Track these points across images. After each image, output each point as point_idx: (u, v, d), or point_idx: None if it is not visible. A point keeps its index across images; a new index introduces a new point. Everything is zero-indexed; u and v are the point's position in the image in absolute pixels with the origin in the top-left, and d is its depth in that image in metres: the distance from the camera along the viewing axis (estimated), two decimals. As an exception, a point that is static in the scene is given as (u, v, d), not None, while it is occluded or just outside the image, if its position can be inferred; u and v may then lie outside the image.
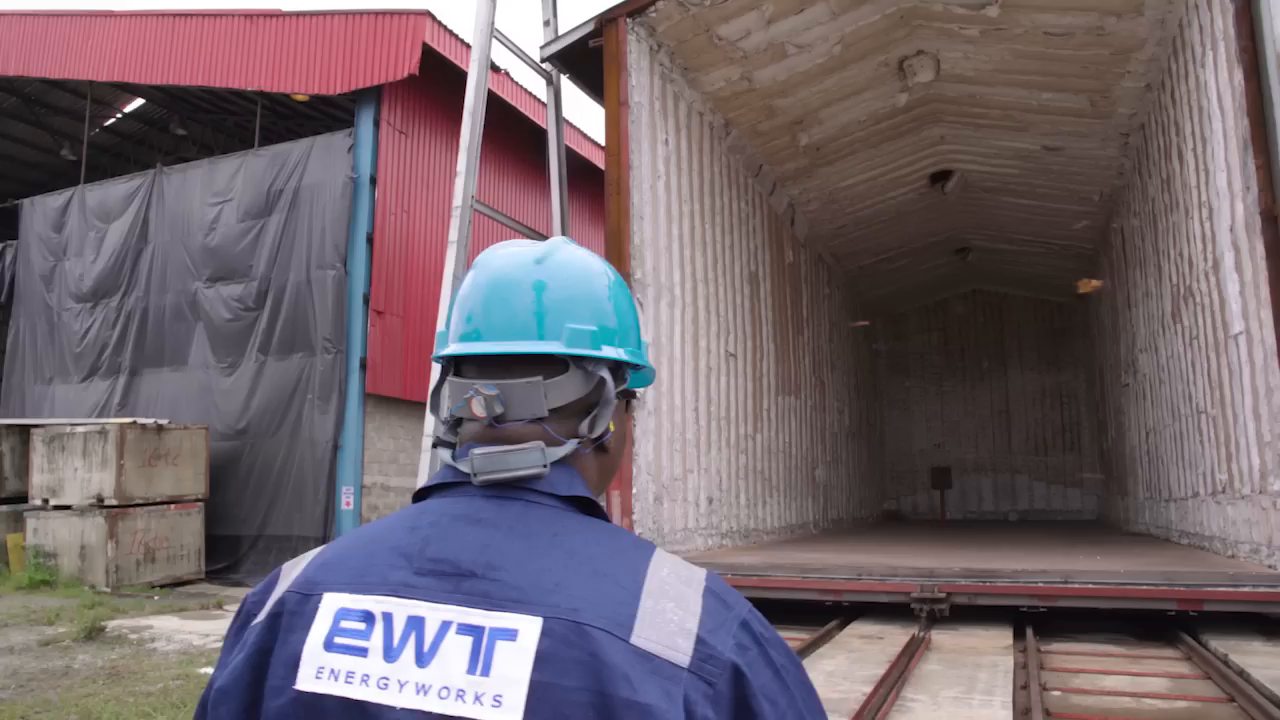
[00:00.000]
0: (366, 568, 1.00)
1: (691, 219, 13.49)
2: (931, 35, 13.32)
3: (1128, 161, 15.75)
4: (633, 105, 11.71)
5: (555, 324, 1.07)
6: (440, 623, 0.94)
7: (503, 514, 1.02)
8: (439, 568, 0.98)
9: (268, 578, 1.11)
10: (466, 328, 1.09)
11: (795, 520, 18.13)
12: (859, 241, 21.51)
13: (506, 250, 1.15)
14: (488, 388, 1.05)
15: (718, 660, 0.92)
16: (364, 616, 0.96)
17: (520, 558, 0.97)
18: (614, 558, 0.99)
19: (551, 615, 0.92)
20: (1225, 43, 9.49)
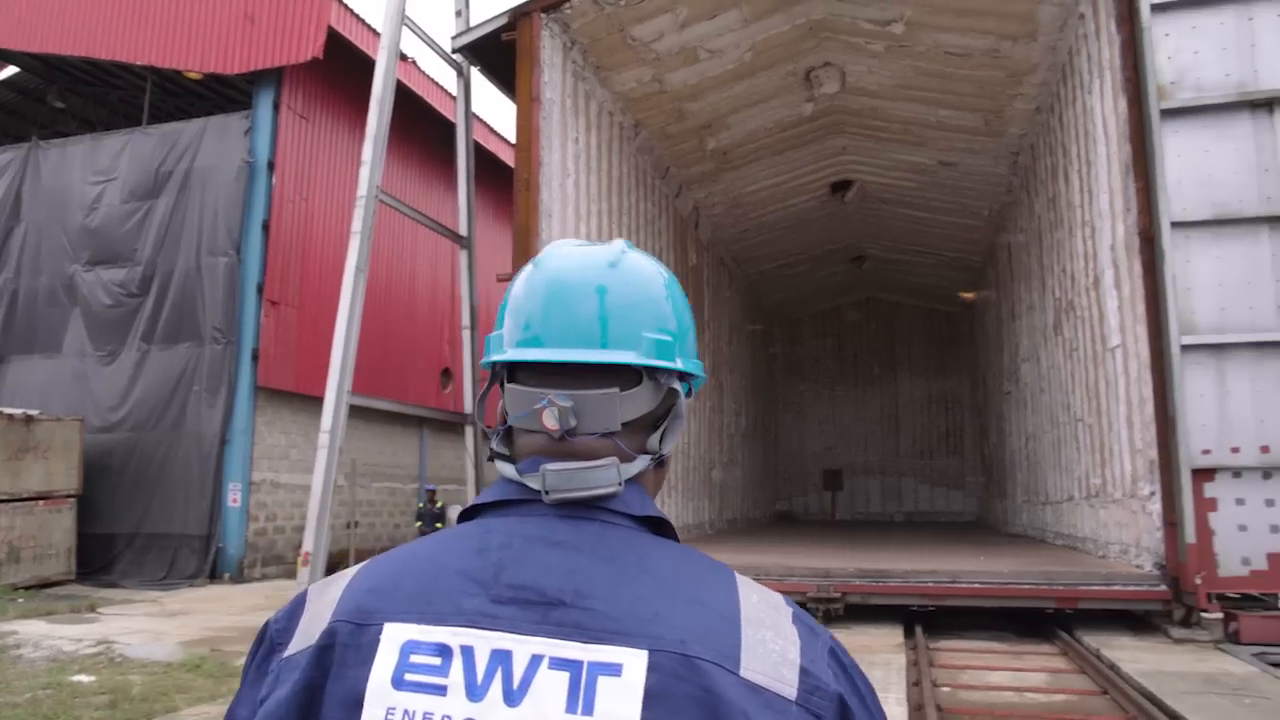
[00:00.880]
0: (433, 595, 0.90)
1: (600, 218, 13.47)
2: (839, 48, 13.65)
3: (1016, 179, 16.49)
4: (545, 102, 11.62)
5: (621, 332, 0.99)
6: (530, 656, 0.85)
7: (581, 536, 0.93)
8: (521, 595, 0.89)
9: (291, 603, 1.00)
10: (524, 334, 1.01)
11: (692, 520, 18.31)
12: (760, 247, 21.88)
13: (569, 251, 1.06)
14: (562, 398, 0.97)
15: (824, 692, 0.87)
16: (438, 650, 0.87)
17: (610, 584, 0.89)
18: (703, 583, 0.92)
19: (657, 648, 0.84)
20: (1111, 72, 10.03)
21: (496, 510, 0.98)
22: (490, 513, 0.99)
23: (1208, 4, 9.34)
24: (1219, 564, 8.74)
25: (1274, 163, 9.04)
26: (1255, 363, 8.92)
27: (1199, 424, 8.92)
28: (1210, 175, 9.16)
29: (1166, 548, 9.03)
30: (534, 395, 0.98)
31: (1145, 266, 9.36)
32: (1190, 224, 9.12)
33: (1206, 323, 9.02)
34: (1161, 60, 9.32)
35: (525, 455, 1.00)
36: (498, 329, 1.06)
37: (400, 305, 18.39)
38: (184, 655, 8.88)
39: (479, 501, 1.01)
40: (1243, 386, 8.92)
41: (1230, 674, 7.12)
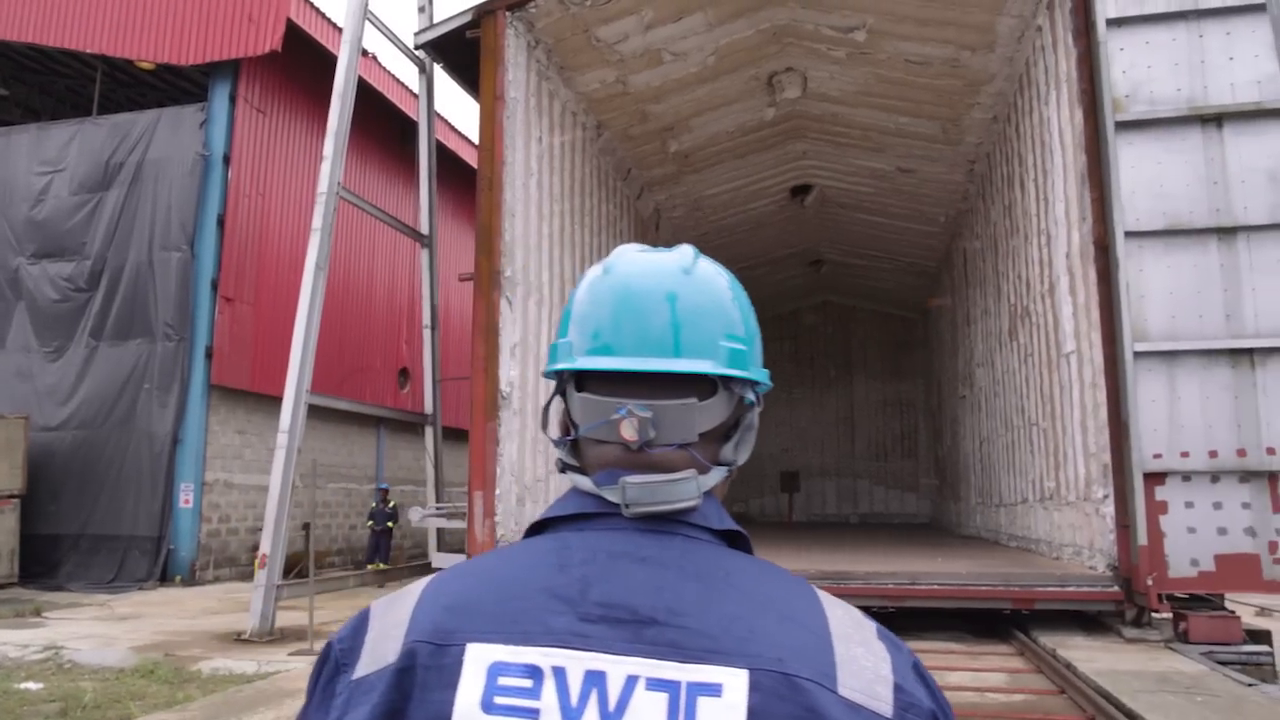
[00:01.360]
0: (517, 614, 0.87)
1: (562, 218, 13.44)
2: (801, 54, 13.77)
3: (973, 187, 16.77)
4: (508, 101, 11.55)
5: (693, 340, 0.96)
6: (625, 677, 0.83)
7: (667, 551, 0.91)
8: (612, 614, 0.86)
9: (354, 620, 0.96)
10: (594, 342, 0.98)
11: (652, 522, 18.34)
12: (720, 249, 21.96)
13: (639, 257, 1.03)
14: (641, 409, 0.94)
15: (919, 709, 0.86)
16: (528, 672, 0.84)
17: (701, 602, 0.86)
18: (791, 599, 0.90)
19: (755, 666, 0.82)
20: (1068, 84, 10.24)
21: (571, 524, 0.95)
22: (564, 526, 0.96)
23: (1160, 20, 9.57)
24: (1169, 565, 8.96)
25: (1223, 176, 9.29)
26: (1204, 370, 9.16)
27: (1150, 429, 9.14)
28: (1162, 187, 9.39)
29: (1119, 550, 9.24)
30: (609, 405, 0.95)
31: (1100, 274, 9.58)
32: (1143, 234, 9.34)
33: (1158, 330, 9.25)
34: (1116, 74, 9.54)
35: (598, 467, 0.97)
36: (561, 336, 1.04)
37: (357, 304, 18.16)
38: (137, 660, 8.67)
39: (551, 515, 0.98)
40: (1192, 392, 9.16)
41: (1181, 673, 7.30)
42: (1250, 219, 9.18)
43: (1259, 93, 9.20)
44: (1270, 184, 9.18)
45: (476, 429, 11.33)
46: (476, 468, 11.25)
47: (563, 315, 1.06)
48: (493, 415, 11.30)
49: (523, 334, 12.02)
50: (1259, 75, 9.19)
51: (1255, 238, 9.19)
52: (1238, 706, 6.21)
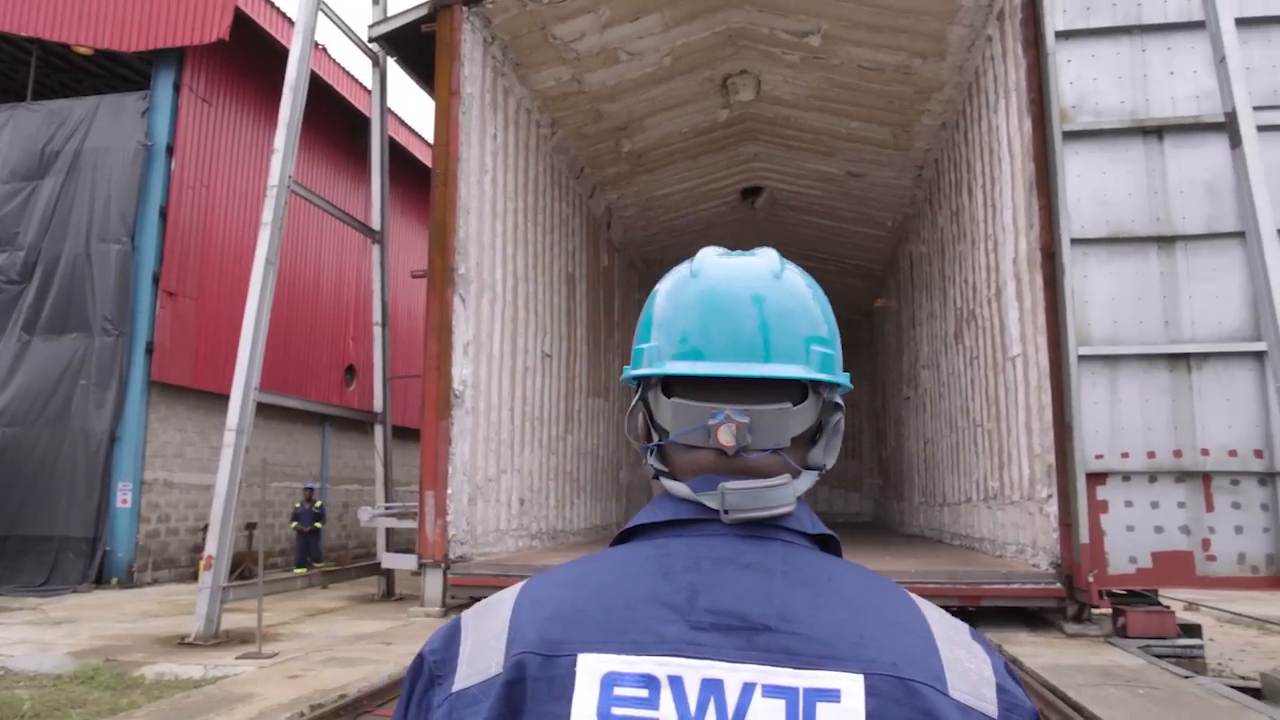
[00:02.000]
0: (627, 622, 0.86)
1: (515, 216, 13.36)
2: (756, 57, 13.88)
3: (920, 192, 17.07)
4: (464, 96, 11.45)
5: (782, 344, 0.95)
6: (741, 685, 0.82)
7: (770, 557, 0.90)
8: (723, 621, 0.85)
9: (445, 630, 0.94)
10: (681, 346, 0.96)
11: (600, 521, 18.33)
12: (670, 249, 22.04)
13: (726, 261, 1.02)
14: (739, 414, 0.93)
15: (1021, 709, 0.87)
16: (644, 681, 0.83)
17: (810, 607, 0.86)
18: (892, 603, 0.90)
19: (870, 671, 0.82)
20: (1017, 93, 10.49)
21: (668, 530, 0.94)
22: (660, 533, 0.94)
23: (1106, 34, 9.86)
24: (1109, 563, 9.23)
25: (1163, 186, 9.60)
26: (1144, 373, 9.46)
27: (1093, 430, 9.41)
28: (1106, 196, 9.67)
29: (1062, 548, 9.49)
30: (704, 411, 0.94)
31: (1046, 280, 9.83)
32: (1088, 241, 9.62)
33: (1101, 335, 9.52)
34: (1064, 85, 9.80)
35: (690, 473, 0.96)
36: (643, 341, 1.01)
37: (304, 300, 17.82)
38: (75, 667, 8.40)
39: (644, 521, 0.96)
40: (1133, 395, 9.45)
41: (1122, 666, 7.53)
42: (1188, 229, 9.50)
43: (1198, 107, 9.53)
44: (1207, 195, 9.52)
45: (428, 428, 11.21)
46: (428, 467, 11.14)
47: (642, 320, 1.04)
48: (445, 414, 11.19)
49: (476, 332, 11.93)
50: (1198, 90, 9.51)
51: (1193, 247, 9.52)
52: (1176, 698, 6.43)
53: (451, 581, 10.70)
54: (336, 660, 8.13)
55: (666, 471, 0.98)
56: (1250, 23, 9.20)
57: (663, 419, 0.97)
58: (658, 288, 1.05)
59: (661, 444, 0.99)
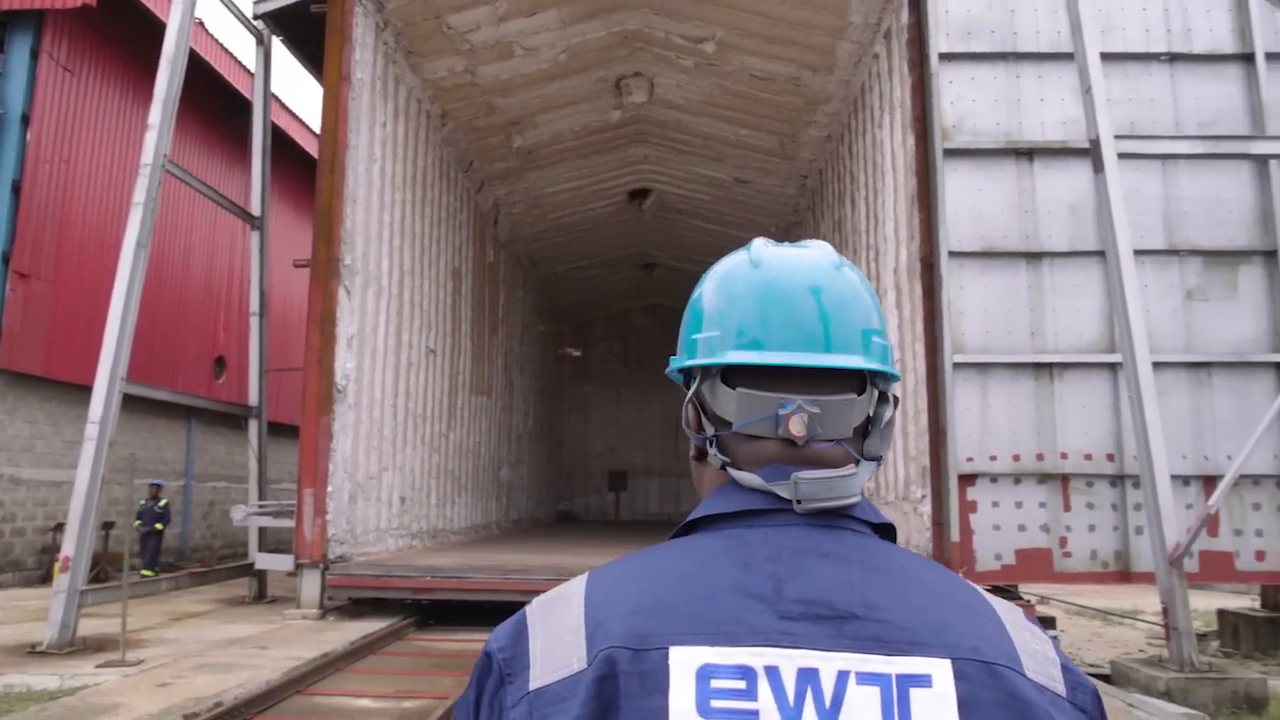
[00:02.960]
0: (717, 614, 0.85)
1: (403, 208, 13.04)
2: (650, 60, 13.99)
3: (804, 201, 17.57)
4: (354, 82, 11.09)
5: (840, 335, 0.96)
6: (836, 673, 0.82)
7: (845, 546, 0.90)
8: (812, 610, 0.85)
9: (511, 626, 0.92)
10: (739, 338, 0.97)
11: (480, 520, 18.10)
12: (557, 248, 22.00)
13: (785, 251, 1.02)
14: (810, 404, 0.93)
15: (1084, 687, 0.89)
16: (741, 673, 0.82)
17: (890, 595, 0.87)
18: (961, 589, 0.92)
19: (957, 656, 0.83)
20: (901, 110, 10.93)
21: (739, 520, 0.93)
22: (731, 523, 0.93)
23: (984, 59, 10.40)
24: (977, 560, 9.75)
25: (1032, 205, 10.20)
26: (1011, 381, 10.03)
27: (965, 434, 9.91)
28: (982, 212, 10.20)
29: (934, 545, 9.95)
30: (772, 401, 0.94)
31: (925, 290, 10.28)
32: (964, 254, 10.12)
33: (974, 344, 10.04)
34: (946, 104, 10.28)
35: (755, 463, 0.95)
36: (695, 331, 1.01)
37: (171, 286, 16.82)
38: (-90, 677, 7.69)
39: (714, 511, 0.95)
40: (1001, 401, 10.00)
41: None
42: (1054, 246, 10.12)
43: (1064, 132, 10.16)
44: (1071, 215, 10.16)
45: (309, 423, 10.81)
46: (308, 464, 10.73)
47: (691, 311, 1.04)
48: (327, 409, 10.81)
49: (360, 325, 11.58)
50: (1065, 117, 10.14)
51: (1057, 263, 10.15)
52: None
53: (330, 582, 10.35)
54: (209, 666, 7.73)
55: (729, 462, 0.97)
56: (1112, 58, 9.87)
57: (723, 409, 0.97)
58: (708, 276, 1.05)
59: (720, 434, 0.98)
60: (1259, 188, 10.13)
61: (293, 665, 7.68)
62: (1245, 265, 10.08)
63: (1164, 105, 10.24)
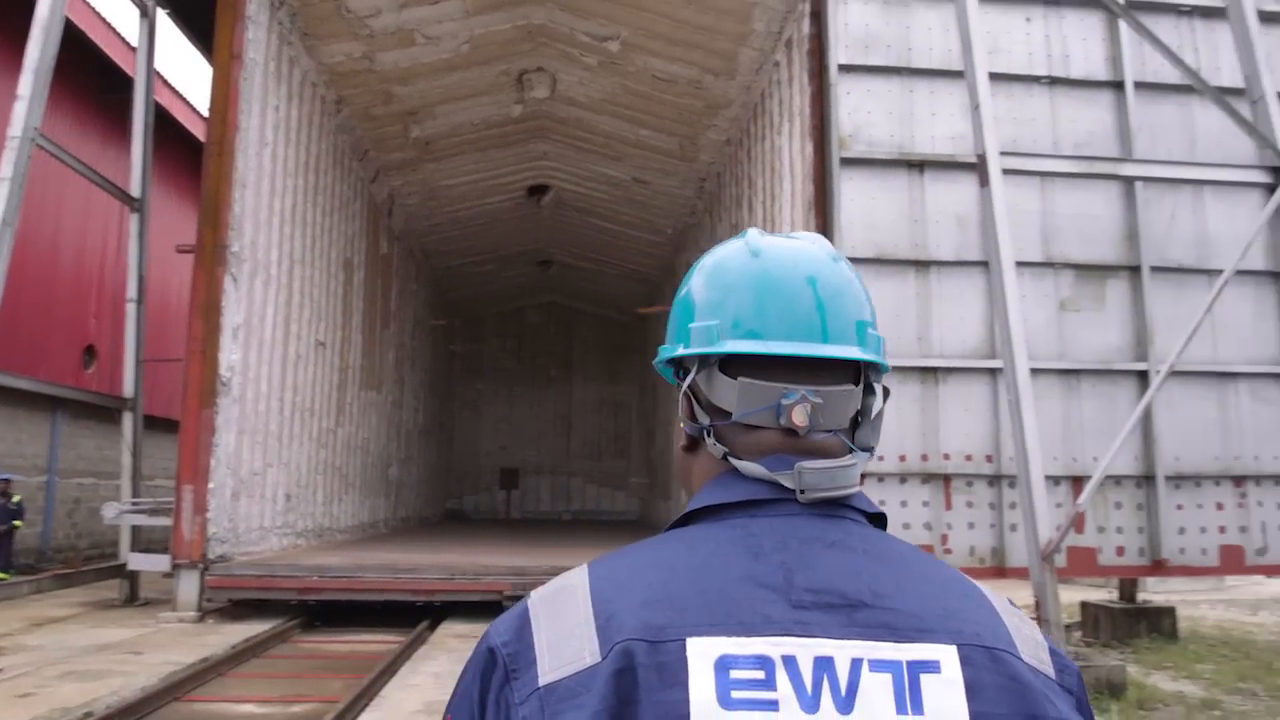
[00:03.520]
0: (729, 604, 0.85)
1: (295, 195, 12.60)
2: (554, 56, 13.92)
3: (701, 203, 17.79)
4: (247, 62, 10.66)
5: (836, 326, 0.97)
6: (850, 661, 0.83)
7: (849, 536, 0.91)
8: (824, 599, 0.85)
9: (512, 621, 0.89)
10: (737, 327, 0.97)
11: (368, 518, 17.66)
12: (452, 241, 21.65)
13: (784, 241, 1.02)
14: (813, 394, 0.93)
15: (1070, 670, 0.92)
16: (759, 663, 0.82)
17: (895, 583, 0.88)
18: (956, 578, 0.93)
19: (962, 642, 0.85)
20: (800, 119, 11.20)
21: (743, 511, 0.93)
22: (733, 514, 0.93)
23: (880, 72, 10.75)
24: (864, 557, 10.06)
25: (922, 215, 10.60)
26: (900, 384, 10.39)
27: (855, 435, 10.21)
28: (875, 220, 10.54)
29: (824, 543, 10.22)
30: (774, 391, 0.94)
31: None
32: (858, 260, 10.40)
33: (865, 348, 10.35)
34: (843, 114, 10.58)
35: (755, 452, 0.95)
36: (688, 321, 1.00)
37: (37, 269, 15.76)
38: None
39: (716, 501, 0.94)
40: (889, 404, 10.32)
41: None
42: (941, 255, 10.55)
43: (953, 147, 10.59)
44: (957, 226, 10.61)
45: (189, 416, 10.33)
46: (188, 459, 10.26)
47: (681, 300, 1.03)
48: (209, 402, 10.36)
49: (247, 315, 11.13)
50: (954, 132, 10.57)
51: (944, 272, 10.59)
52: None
53: (210, 583, 9.92)
54: (76, 674, 7.31)
55: (728, 451, 0.96)
56: (998, 78, 10.33)
57: (721, 399, 0.96)
58: (698, 268, 1.05)
59: (717, 425, 0.97)
60: (1126, 207, 10.80)
61: (170, 671, 7.34)
62: (1112, 279, 10.72)
63: (1044, 125, 10.81)
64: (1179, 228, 10.79)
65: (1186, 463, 10.36)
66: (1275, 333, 10.75)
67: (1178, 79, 10.51)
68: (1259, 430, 10.54)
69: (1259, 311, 10.74)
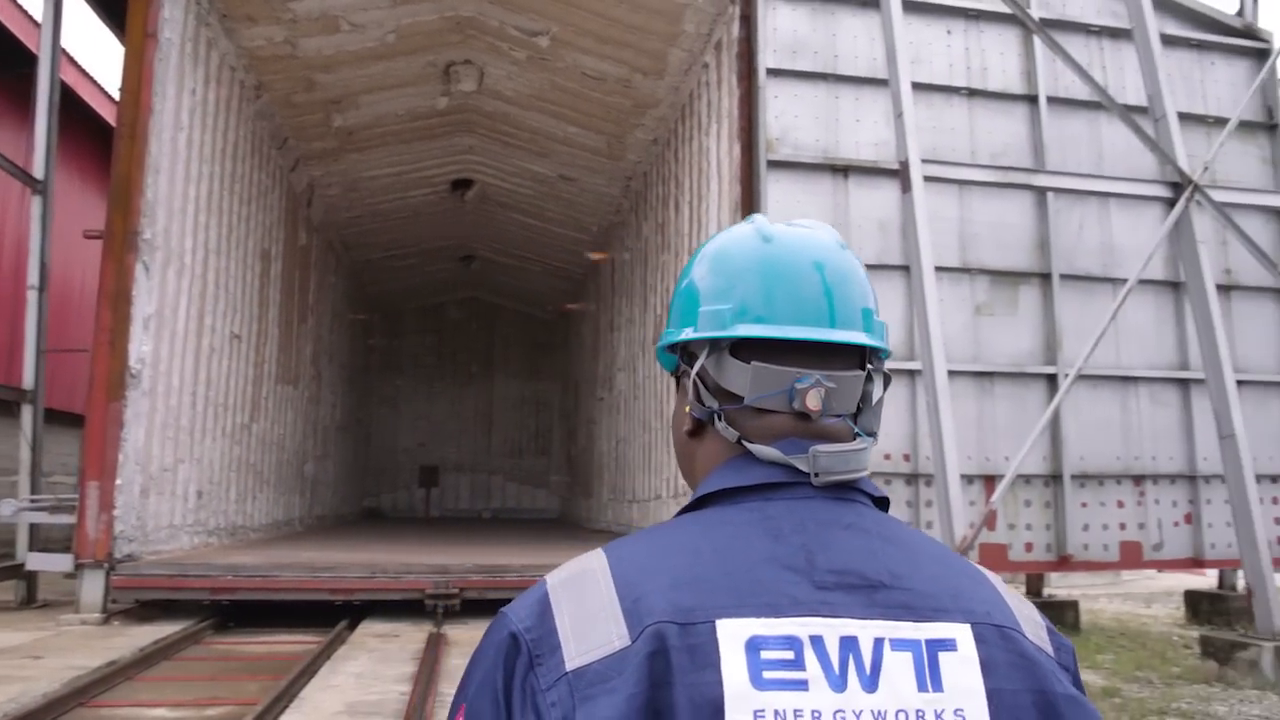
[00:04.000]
0: (755, 585, 0.86)
1: (211, 182, 12.19)
2: (482, 49, 13.77)
3: (627, 202, 17.82)
4: (162, 41, 10.27)
5: (844, 312, 0.99)
6: (873, 640, 0.84)
7: (862, 518, 0.93)
8: (845, 580, 0.87)
9: (530, 605, 0.89)
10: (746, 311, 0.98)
11: (283, 516, 17.19)
12: (373, 234, 21.23)
13: (793, 228, 1.04)
14: (826, 380, 0.95)
15: (1066, 649, 0.95)
16: (788, 643, 0.83)
17: (909, 564, 0.90)
18: (957, 558, 0.97)
19: (974, 621, 0.88)
20: (729, 120, 11.32)
21: (758, 494, 0.94)
22: (747, 497, 0.94)
23: (807, 77, 10.95)
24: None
25: (846, 220, 10.83)
26: (821, 384, 10.60)
27: (778, 434, 10.38)
28: (800, 223, 10.71)
29: (747, 540, 10.36)
30: (788, 375, 0.95)
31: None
32: (783, 262, 10.59)
33: (789, 348, 10.53)
34: (771, 118, 10.74)
35: (767, 436, 0.96)
36: (692, 307, 1.02)
37: (-79, 252, 14.89)
38: None
39: (730, 485, 0.95)
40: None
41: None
42: (864, 259, 10.57)
43: (876, 153, 10.86)
44: (879, 231, 10.87)
45: (96, 410, 9.91)
46: (94, 454, 9.84)
47: (685, 286, 1.04)
48: (118, 395, 9.95)
49: (159, 305, 10.72)
50: (877, 139, 10.84)
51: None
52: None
53: (116, 584, 9.52)
54: (-29, 679, 6.94)
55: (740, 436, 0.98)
56: (921, 87, 10.61)
57: (731, 383, 0.98)
58: (700, 255, 1.06)
59: (727, 409, 0.99)
60: (1038, 216, 11.23)
61: (74, 675, 7.02)
62: (1025, 285, 11.14)
63: (962, 135, 11.16)
64: (1087, 237, 11.27)
65: (1091, 462, 10.83)
66: (1173, 339, 11.33)
67: (1087, 95, 10.98)
68: (1156, 432, 11.09)
69: (1159, 319, 11.30)
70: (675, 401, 1.10)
